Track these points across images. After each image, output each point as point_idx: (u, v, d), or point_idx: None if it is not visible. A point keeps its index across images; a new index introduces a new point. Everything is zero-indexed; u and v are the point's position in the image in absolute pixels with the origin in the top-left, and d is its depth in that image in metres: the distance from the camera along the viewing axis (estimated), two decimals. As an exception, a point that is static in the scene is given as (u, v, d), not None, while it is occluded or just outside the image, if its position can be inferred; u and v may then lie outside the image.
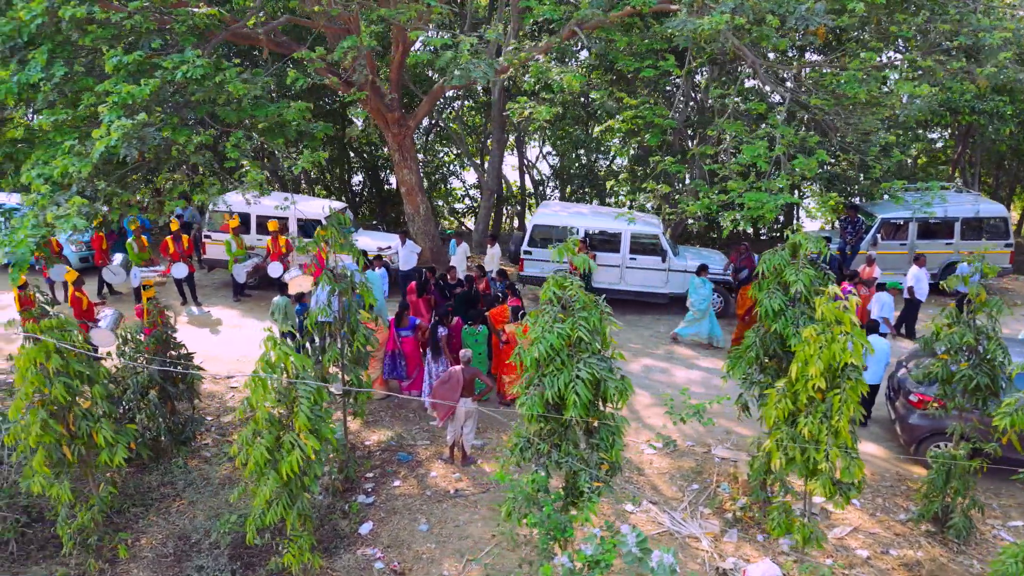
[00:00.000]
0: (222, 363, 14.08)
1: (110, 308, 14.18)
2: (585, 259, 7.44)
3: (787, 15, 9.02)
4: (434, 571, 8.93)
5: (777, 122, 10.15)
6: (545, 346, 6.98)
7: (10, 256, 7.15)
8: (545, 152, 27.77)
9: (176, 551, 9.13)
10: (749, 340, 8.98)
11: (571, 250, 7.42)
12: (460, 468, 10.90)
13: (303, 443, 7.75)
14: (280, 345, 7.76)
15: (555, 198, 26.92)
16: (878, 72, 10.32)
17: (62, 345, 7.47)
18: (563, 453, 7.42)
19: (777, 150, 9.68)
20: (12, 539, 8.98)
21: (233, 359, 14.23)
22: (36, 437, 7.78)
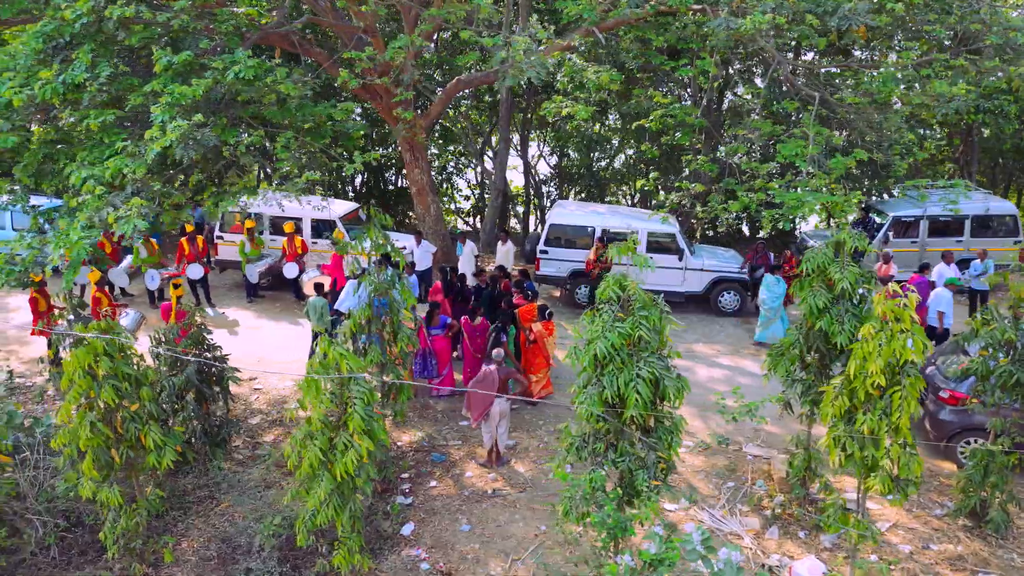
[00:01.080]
0: (242, 364, 13.98)
1: (132, 309, 14.09)
2: (646, 259, 7.43)
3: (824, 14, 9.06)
4: (480, 571, 8.92)
5: (810, 120, 10.21)
6: (606, 345, 6.98)
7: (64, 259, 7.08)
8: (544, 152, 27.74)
9: (219, 554, 9.07)
10: (792, 338, 9.03)
11: (632, 249, 7.42)
12: (495, 468, 10.90)
13: (357, 444, 7.71)
14: (334, 345, 7.72)
15: (554, 197, 26.95)
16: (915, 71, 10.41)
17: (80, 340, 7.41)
18: (620, 452, 7.42)
19: (812, 149, 9.75)
20: (53, 544, 8.89)
21: (253, 360, 14.15)
22: (86, 440, 7.71)
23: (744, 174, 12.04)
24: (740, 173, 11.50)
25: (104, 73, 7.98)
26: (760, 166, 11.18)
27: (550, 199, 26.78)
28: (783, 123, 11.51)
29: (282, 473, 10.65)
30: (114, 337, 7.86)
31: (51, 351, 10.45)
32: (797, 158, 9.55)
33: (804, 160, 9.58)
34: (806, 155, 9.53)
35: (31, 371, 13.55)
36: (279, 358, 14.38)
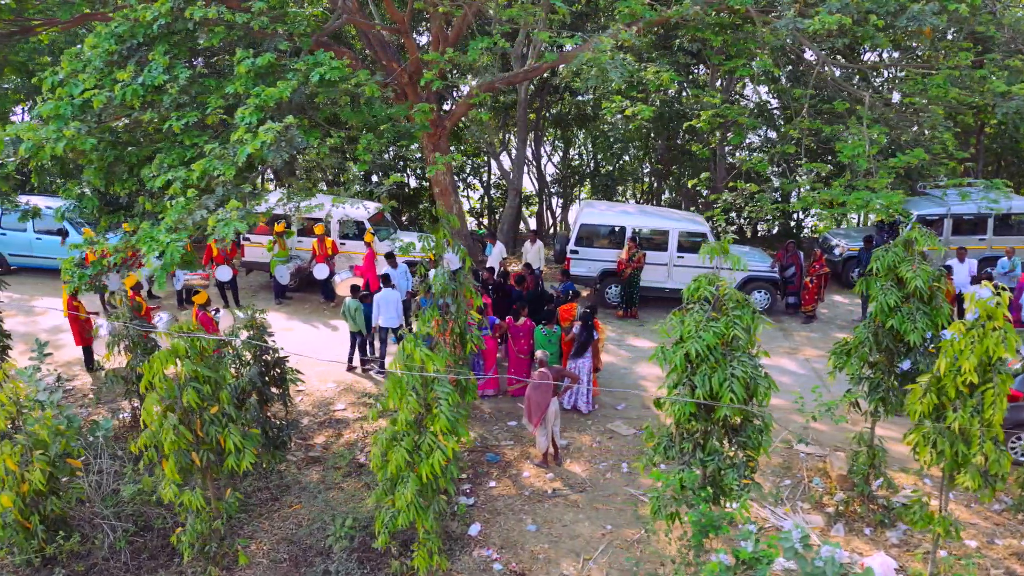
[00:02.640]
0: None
1: (166, 312, 14.02)
2: (738, 258, 7.47)
3: (887, 14, 9.13)
4: (553, 571, 8.93)
5: (870, 119, 10.28)
6: (701, 345, 7.01)
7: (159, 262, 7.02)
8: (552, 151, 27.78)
9: (291, 556, 9.03)
10: (861, 336, 9.10)
11: (725, 248, 7.46)
12: (553, 468, 10.92)
13: (443, 445, 7.70)
14: (421, 346, 7.71)
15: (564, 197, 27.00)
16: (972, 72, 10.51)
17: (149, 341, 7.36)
18: (708, 451, 7.46)
19: (873, 149, 9.83)
20: (124, 549, 8.83)
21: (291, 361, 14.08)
22: (171, 444, 7.66)
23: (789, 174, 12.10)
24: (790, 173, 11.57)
25: (183, 75, 7.91)
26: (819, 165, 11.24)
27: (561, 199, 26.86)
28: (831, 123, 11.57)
29: (342, 475, 10.63)
30: (195, 339, 7.81)
31: (108, 354, 10.37)
32: (859, 158, 9.63)
33: (865, 159, 9.67)
34: (868, 154, 9.61)
35: (66, 374, 13.43)
36: (315, 360, 14.31)
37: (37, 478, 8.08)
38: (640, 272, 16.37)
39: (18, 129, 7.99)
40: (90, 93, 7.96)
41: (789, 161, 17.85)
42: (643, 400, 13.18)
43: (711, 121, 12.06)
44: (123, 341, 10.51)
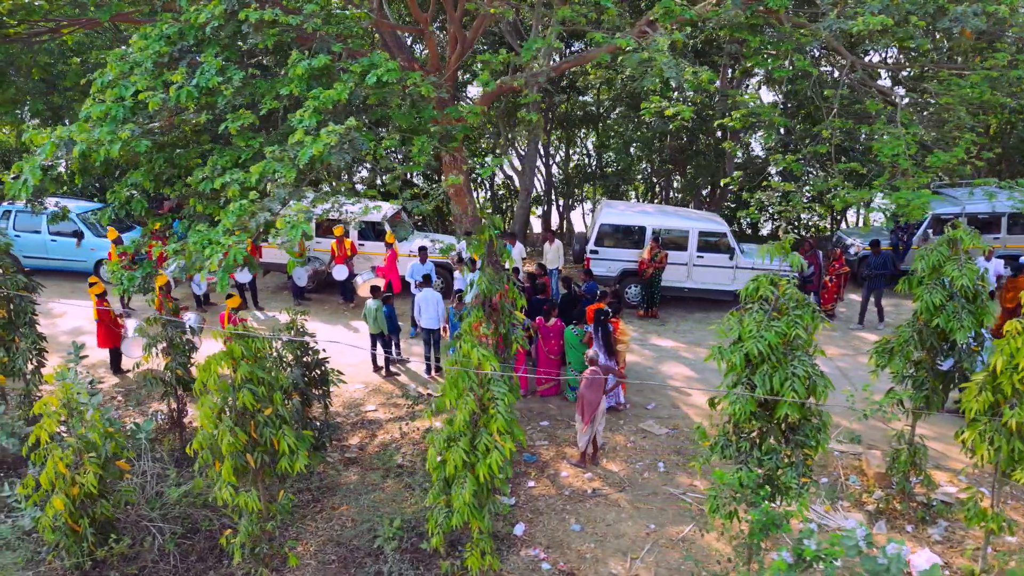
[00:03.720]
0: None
1: (193, 313, 13.96)
2: (799, 259, 7.52)
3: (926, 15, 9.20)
4: (602, 571, 8.96)
5: (907, 118, 10.36)
6: (763, 344, 7.06)
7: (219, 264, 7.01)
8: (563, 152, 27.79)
9: (339, 557, 9.03)
10: (905, 335, 9.16)
11: (787, 248, 7.51)
12: (591, 467, 10.95)
13: (500, 445, 7.72)
14: (479, 347, 7.72)
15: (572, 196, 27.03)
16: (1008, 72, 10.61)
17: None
18: (766, 450, 7.50)
19: (912, 149, 9.89)
20: (172, 551, 8.81)
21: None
22: (228, 446, 7.65)
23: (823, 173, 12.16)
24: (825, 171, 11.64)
25: (236, 77, 7.89)
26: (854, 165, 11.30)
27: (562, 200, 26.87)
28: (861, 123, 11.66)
29: (380, 476, 10.63)
30: (251, 341, 7.80)
31: (146, 356, 10.34)
32: (899, 157, 9.71)
33: (906, 159, 9.74)
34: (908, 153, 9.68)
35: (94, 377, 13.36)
36: (341, 361, 14.31)
37: (90, 481, 8.05)
38: (662, 272, 16.43)
39: (70, 131, 7.97)
40: (145, 95, 7.93)
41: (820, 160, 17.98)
42: (672, 399, 13.24)
43: (743, 120, 12.12)
44: (161, 343, 10.49)
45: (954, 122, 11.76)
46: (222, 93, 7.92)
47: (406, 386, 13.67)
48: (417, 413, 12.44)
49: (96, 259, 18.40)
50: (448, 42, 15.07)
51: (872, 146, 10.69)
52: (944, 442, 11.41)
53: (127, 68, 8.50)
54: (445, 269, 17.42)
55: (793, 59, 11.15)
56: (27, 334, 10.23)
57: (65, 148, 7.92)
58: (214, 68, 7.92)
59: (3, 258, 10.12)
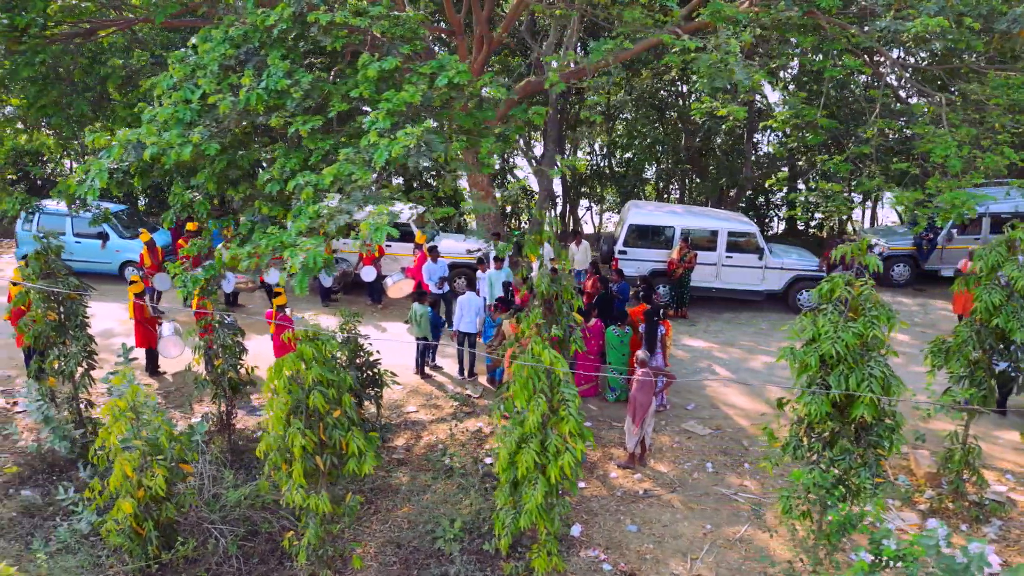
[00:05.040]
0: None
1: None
2: (875, 259, 7.55)
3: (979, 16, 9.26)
4: (663, 571, 8.98)
5: (957, 120, 10.40)
6: (840, 345, 7.08)
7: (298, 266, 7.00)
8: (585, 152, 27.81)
9: (400, 559, 9.03)
10: (963, 335, 9.20)
11: (864, 248, 7.54)
12: (640, 468, 10.97)
13: (572, 447, 7.73)
14: (548, 348, 7.73)
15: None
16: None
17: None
18: (838, 450, 7.53)
19: (963, 150, 9.94)
20: (235, 553, 8.79)
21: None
22: (300, 448, 7.65)
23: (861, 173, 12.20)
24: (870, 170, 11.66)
25: (305, 79, 7.88)
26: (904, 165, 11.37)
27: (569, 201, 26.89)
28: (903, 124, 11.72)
29: (431, 477, 10.63)
30: (320, 343, 7.80)
31: (197, 358, 10.32)
32: (950, 158, 9.75)
33: (959, 160, 9.79)
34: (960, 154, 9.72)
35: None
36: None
37: (159, 484, 8.03)
38: (691, 272, 16.47)
39: (138, 133, 7.93)
40: (214, 98, 7.91)
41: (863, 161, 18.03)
42: (711, 400, 13.27)
43: (787, 122, 12.16)
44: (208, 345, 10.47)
45: (993, 122, 11.82)
46: (291, 95, 7.90)
47: (444, 387, 13.68)
48: (461, 414, 12.44)
49: (121, 261, 18.37)
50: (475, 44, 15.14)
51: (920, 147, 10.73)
52: (987, 441, 11.46)
53: (189, 71, 8.48)
54: (470, 269, 17.42)
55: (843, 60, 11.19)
56: (79, 336, 10.19)
57: (134, 150, 7.90)
58: (281, 71, 7.91)
59: (56, 261, 10.09)
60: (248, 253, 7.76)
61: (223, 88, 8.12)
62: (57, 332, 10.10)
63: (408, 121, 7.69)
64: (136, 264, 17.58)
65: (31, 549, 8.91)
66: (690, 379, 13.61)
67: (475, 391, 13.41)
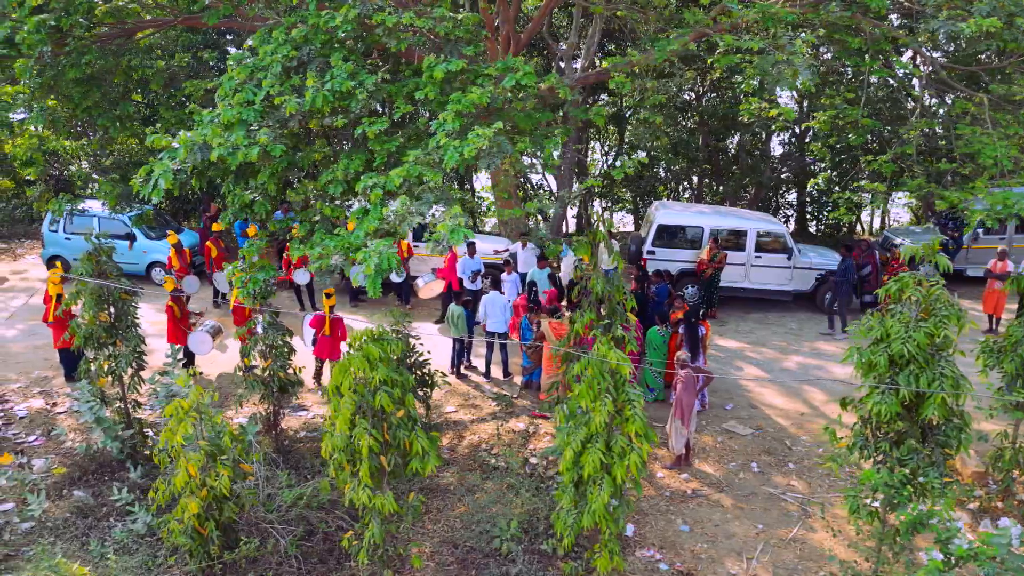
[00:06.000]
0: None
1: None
2: (945, 260, 7.56)
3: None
4: (720, 571, 9.00)
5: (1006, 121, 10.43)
6: (912, 345, 7.10)
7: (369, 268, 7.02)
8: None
9: (456, 559, 9.05)
10: (1018, 335, 9.23)
11: (936, 248, 7.56)
12: (684, 468, 11.00)
13: (638, 447, 7.76)
14: (614, 348, 7.75)
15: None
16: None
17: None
18: (906, 450, 7.55)
19: (1013, 150, 9.98)
20: (295, 554, 8.81)
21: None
22: (367, 448, 7.66)
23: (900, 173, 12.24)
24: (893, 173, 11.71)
25: (369, 81, 7.89)
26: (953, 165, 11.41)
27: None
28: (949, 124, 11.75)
29: (480, 476, 10.65)
30: (386, 344, 7.81)
31: (247, 359, 10.34)
32: (1004, 158, 9.78)
33: (1009, 160, 9.83)
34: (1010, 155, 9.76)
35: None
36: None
37: (224, 484, 8.05)
38: (720, 272, 16.49)
39: (204, 135, 7.94)
40: (280, 99, 7.92)
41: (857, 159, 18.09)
42: (749, 400, 13.30)
43: (829, 122, 12.20)
44: (259, 344, 10.49)
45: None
46: (355, 97, 7.92)
47: (480, 387, 13.70)
48: (503, 415, 12.48)
49: (148, 262, 18.37)
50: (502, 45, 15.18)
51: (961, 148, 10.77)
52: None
53: (248, 72, 8.49)
54: (496, 269, 17.43)
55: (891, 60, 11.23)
56: (130, 337, 10.21)
57: (199, 151, 7.91)
58: (345, 72, 7.92)
59: (108, 263, 10.10)
60: (318, 255, 7.77)
61: (285, 90, 8.13)
62: (108, 333, 10.10)
63: (475, 122, 7.70)
64: (165, 266, 17.60)
65: (89, 550, 8.93)
66: (729, 378, 13.65)
67: (512, 391, 13.42)
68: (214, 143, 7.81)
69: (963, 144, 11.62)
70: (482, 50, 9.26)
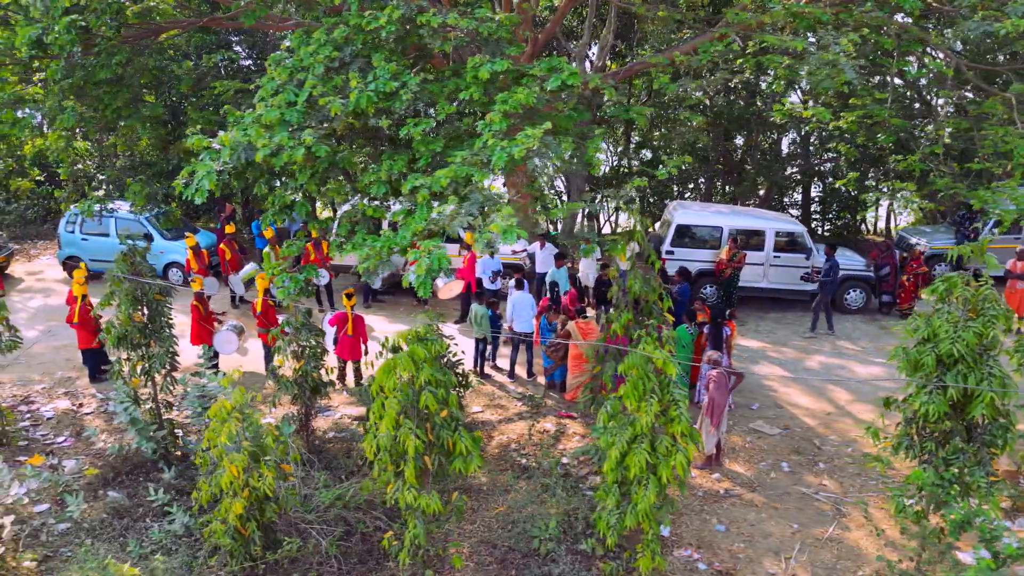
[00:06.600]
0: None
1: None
2: (994, 259, 7.59)
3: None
4: (759, 571, 9.02)
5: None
6: (961, 345, 7.13)
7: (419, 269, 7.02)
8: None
9: (495, 559, 9.05)
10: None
11: (984, 249, 7.59)
12: (715, 468, 11.01)
13: (683, 447, 7.77)
14: (659, 348, 7.76)
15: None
16: None
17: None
18: (951, 449, 7.57)
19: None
20: (335, 554, 8.80)
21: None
22: (413, 449, 7.67)
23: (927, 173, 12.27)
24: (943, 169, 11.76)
25: (413, 83, 7.89)
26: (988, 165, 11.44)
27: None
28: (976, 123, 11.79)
29: (512, 476, 10.66)
30: (431, 344, 7.82)
31: (281, 359, 10.34)
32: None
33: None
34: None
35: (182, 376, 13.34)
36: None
37: (268, 484, 8.04)
38: (740, 272, 16.51)
39: (248, 136, 7.93)
40: (325, 100, 7.91)
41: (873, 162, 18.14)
42: (775, 400, 13.31)
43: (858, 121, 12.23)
44: (291, 345, 10.49)
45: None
46: (399, 98, 7.92)
47: (504, 387, 13.71)
48: (530, 415, 12.48)
49: (164, 262, 18.34)
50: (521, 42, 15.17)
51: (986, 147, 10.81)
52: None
53: (286, 74, 8.48)
54: (515, 270, 17.45)
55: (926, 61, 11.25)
56: (164, 338, 10.20)
57: (244, 152, 7.90)
58: (388, 73, 7.92)
59: (142, 263, 10.09)
60: (365, 255, 7.76)
61: (328, 90, 8.13)
62: (142, 334, 10.10)
63: (522, 123, 7.70)
64: (183, 268, 17.60)
65: (128, 551, 8.93)
66: (754, 376, 13.65)
67: (537, 392, 13.43)
68: (258, 143, 7.82)
69: (989, 144, 11.65)
70: (523, 50, 9.26)
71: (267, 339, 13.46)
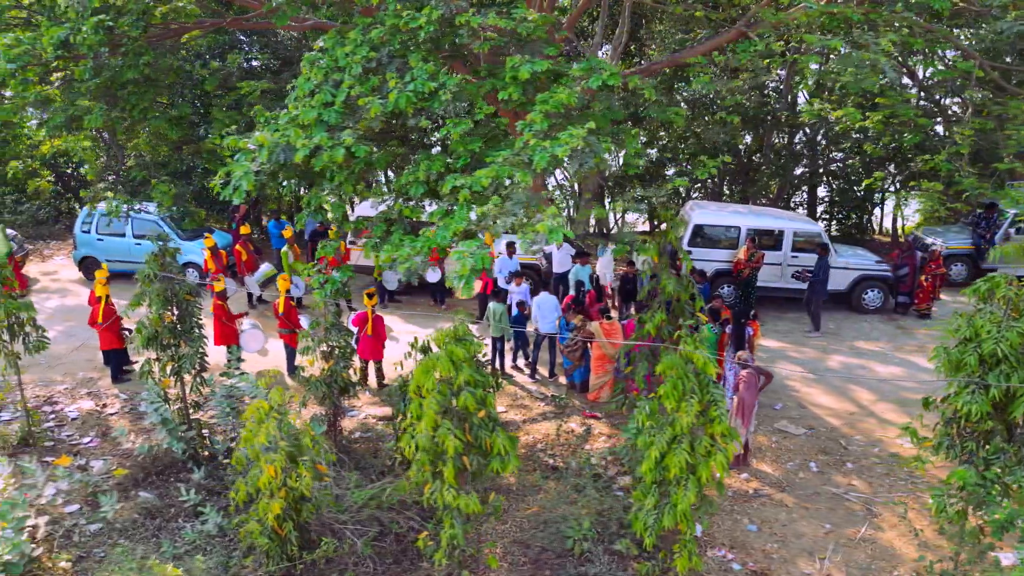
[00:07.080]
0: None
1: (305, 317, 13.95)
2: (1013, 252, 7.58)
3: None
4: (793, 571, 9.01)
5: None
6: (1005, 345, 7.12)
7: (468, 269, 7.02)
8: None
9: (529, 559, 9.05)
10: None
11: (1019, 250, 7.58)
12: (743, 468, 11.01)
13: (723, 447, 7.77)
14: (698, 347, 7.76)
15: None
16: None
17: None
18: (992, 449, 7.56)
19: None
20: (370, 554, 8.80)
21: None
22: (452, 449, 7.66)
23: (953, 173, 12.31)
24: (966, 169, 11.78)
25: (451, 83, 7.88)
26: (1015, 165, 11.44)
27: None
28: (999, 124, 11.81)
29: (541, 476, 10.65)
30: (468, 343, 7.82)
31: (311, 359, 10.33)
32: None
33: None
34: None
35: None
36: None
37: (305, 484, 8.04)
38: (758, 272, 16.49)
39: (287, 136, 7.93)
40: (364, 100, 7.90)
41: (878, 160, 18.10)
42: (798, 400, 13.31)
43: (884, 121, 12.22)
44: (321, 345, 10.48)
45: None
46: (438, 98, 7.91)
47: (526, 387, 13.70)
48: (556, 415, 12.48)
49: (181, 262, 18.18)
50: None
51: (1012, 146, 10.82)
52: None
53: (323, 73, 8.47)
54: (532, 270, 17.43)
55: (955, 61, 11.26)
56: (194, 338, 10.20)
57: (283, 152, 7.90)
58: (426, 73, 7.91)
59: (172, 263, 10.09)
60: (405, 255, 7.75)
61: (365, 91, 8.12)
62: (172, 334, 10.09)
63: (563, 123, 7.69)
64: (201, 268, 17.57)
65: (161, 551, 8.91)
66: (778, 375, 13.64)
67: (559, 392, 13.42)
68: (297, 144, 7.81)
69: (1014, 144, 11.66)
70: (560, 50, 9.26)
71: (289, 339, 13.47)
